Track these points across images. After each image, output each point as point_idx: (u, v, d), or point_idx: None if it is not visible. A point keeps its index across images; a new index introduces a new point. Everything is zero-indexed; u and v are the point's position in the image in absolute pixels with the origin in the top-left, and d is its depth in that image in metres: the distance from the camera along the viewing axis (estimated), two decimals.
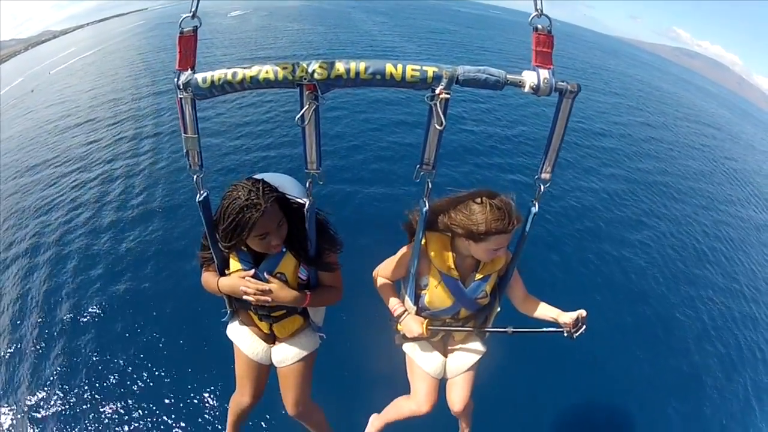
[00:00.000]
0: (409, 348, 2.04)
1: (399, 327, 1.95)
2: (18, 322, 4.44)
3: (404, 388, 2.08)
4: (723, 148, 14.83)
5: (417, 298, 1.86)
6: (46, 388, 3.71)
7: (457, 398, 1.94)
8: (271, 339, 2.01)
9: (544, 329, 1.79)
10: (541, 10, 1.17)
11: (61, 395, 3.64)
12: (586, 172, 8.47)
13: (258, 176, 1.62)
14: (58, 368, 3.88)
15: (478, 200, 1.59)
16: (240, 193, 1.49)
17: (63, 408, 3.55)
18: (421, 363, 1.98)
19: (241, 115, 9.80)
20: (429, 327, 1.85)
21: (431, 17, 37.83)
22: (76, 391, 3.68)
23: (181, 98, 1.26)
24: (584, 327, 1.68)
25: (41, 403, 3.60)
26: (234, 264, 1.74)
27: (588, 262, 5.64)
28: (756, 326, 5.42)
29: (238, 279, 1.70)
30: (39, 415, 3.51)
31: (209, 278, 1.82)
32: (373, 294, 1.99)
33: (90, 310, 4.46)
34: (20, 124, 12.65)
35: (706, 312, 5.36)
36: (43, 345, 4.13)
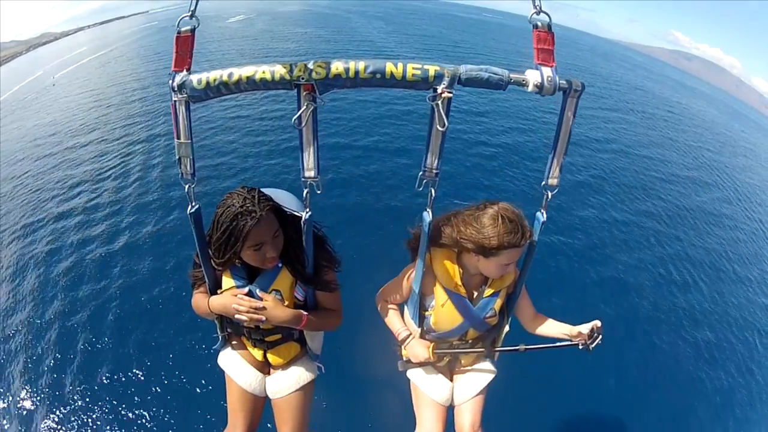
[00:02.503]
0: (413, 374, 1.92)
1: (403, 352, 1.86)
2: (8, 343, 4.25)
3: (409, 418, 1.95)
4: (703, 141, 15.02)
5: (421, 320, 1.77)
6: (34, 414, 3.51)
7: (467, 425, 1.80)
8: (265, 368, 1.89)
9: (559, 344, 1.70)
10: (540, 7, 1.17)
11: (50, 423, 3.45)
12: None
13: None
14: (44, 401, 3.62)
15: (489, 212, 1.52)
16: (234, 201, 1.43)
17: None
18: (428, 390, 1.85)
19: (236, 119, 9.72)
20: (435, 351, 1.75)
21: (426, 22, 38.19)
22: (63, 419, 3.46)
23: (175, 101, 1.23)
24: (600, 337, 1.59)
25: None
26: (227, 281, 1.66)
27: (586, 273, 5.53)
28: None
29: (230, 297, 1.61)
30: None
31: (200, 299, 1.72)
32: (375, 318, 1.90)
33: (75, 340, 4.18)
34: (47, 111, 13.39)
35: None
36: (31, 374, 3.89)
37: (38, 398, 3.64)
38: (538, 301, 1.84)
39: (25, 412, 3.52)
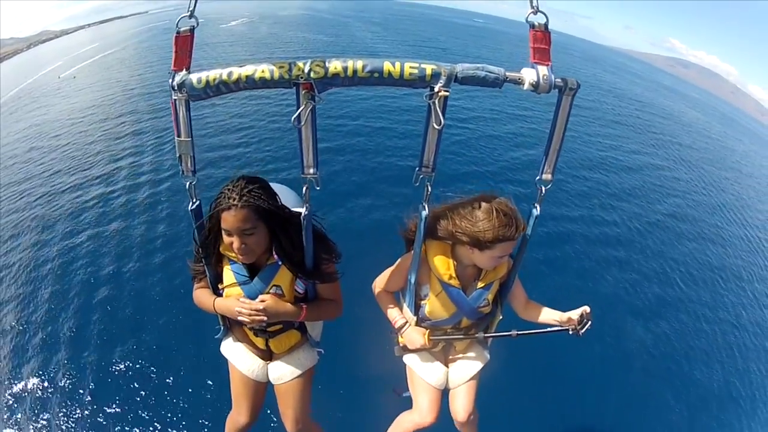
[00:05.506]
0: (410, 359, 1.97)
1: (400, 339, 1.90)
2: (20, 328, 4.34)
3: (406, 401, 2.02)
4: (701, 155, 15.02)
5: (417, 309, 1.81)
6: (40, 408, 3.57)
7: (461, 408, 1.87)
8: (267, 355, 1.94)
9: (549, 329, 1.74)
10: (537, 7, 1.17)
11: (57, 411, 3.50)
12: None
13: None
14: (57, 382, 3.74)
15: (484, 206, 1.55)
16: (228, 185, 1.48)
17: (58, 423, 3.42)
18: (423, 374, 1.92)
19: (236, 117, 9.81)
20: (431, 337, 1.80)
21: (421, 29, 38.43)
22: (67, 410, 3.52)
23: (175, 100, 1.24)
24: (590, 323, 1.63)
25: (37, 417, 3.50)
26: (228, 276, 1.68)
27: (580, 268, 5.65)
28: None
29: (233, 300, 1.65)
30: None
31: (202, 295, 1.75)
32: (372, 306, 1.94)
33: (83, 329, 4.28)
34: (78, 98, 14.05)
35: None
36: (41, 360, 3.99)
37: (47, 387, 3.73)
38: (530, 291, 1.89)
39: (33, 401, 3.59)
